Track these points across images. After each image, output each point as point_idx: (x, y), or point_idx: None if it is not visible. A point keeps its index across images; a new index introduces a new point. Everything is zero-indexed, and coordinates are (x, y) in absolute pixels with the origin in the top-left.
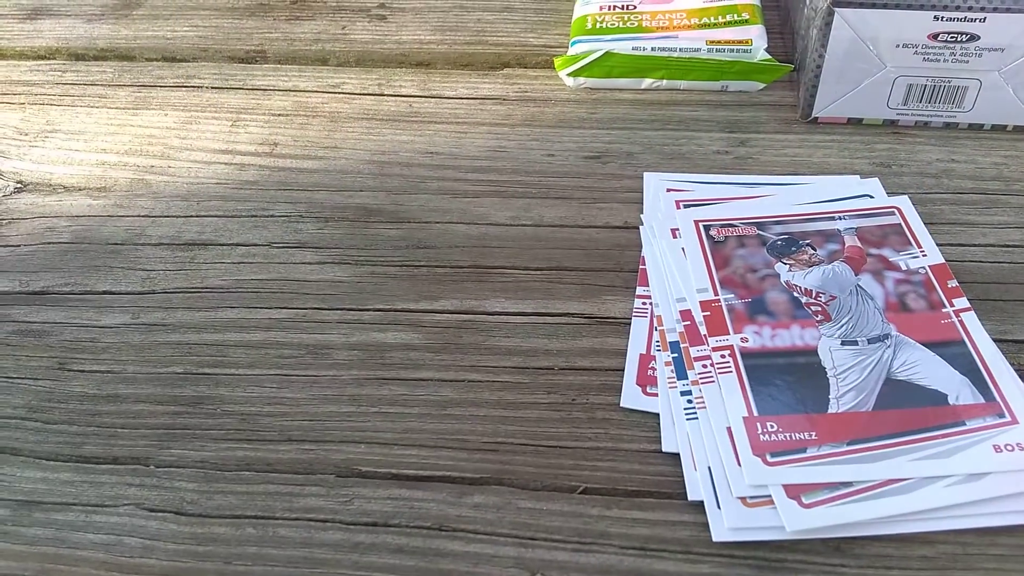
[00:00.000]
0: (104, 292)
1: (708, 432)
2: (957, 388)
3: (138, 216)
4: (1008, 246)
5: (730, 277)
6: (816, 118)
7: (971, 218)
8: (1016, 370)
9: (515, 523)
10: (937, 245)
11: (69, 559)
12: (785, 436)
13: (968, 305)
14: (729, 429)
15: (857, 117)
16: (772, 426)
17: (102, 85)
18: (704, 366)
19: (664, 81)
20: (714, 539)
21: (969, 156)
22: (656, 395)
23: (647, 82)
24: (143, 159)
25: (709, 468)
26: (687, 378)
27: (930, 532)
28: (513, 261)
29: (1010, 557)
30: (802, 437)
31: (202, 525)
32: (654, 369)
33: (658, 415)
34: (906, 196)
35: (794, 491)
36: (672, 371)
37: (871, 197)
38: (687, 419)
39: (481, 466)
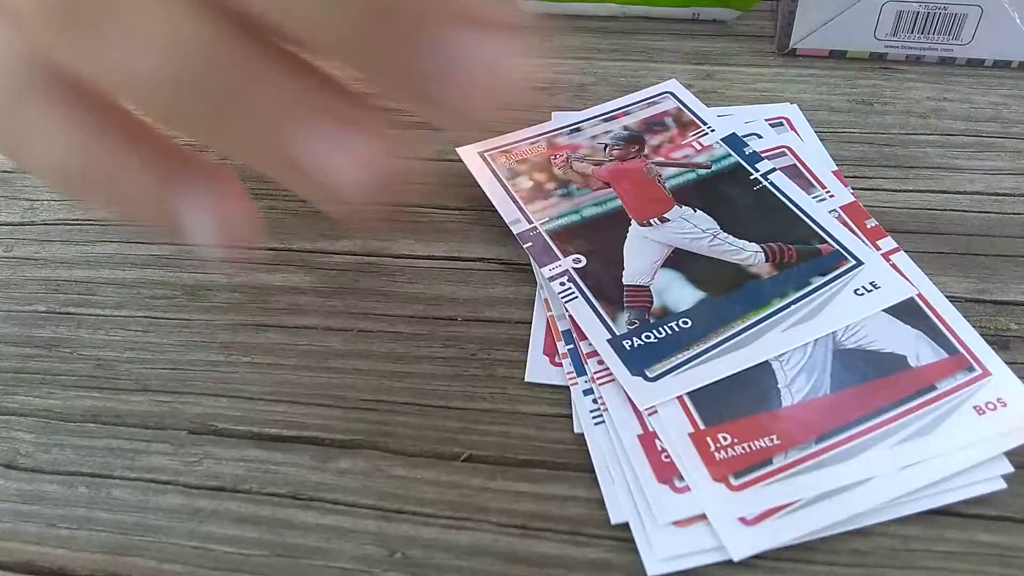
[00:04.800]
0: None
1: (620, 448)
2: (914, 346)
3: None
4: (998, 194)
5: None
6: (794, 50)
7: (959, 163)
8: (988, 336)
9: (382, 493)
10: (918, 191)
11: None
12: (743, 448)
13: (896, 246)
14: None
15: (841, 49)
16: (725, 439)
17: None
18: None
19: (628, 7)
20: (649, 574)
21: (964, 95)
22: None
23: (609, 7)
24: None
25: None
26: (586, 374)
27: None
28: (431, 200)
29: (957, 555)
30: (764, 445)
31: (31, 481)
32: None
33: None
34: (794, 134)
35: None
36: (571, 364)
37: (760, 137)
38: (594, 422)
39: (355, 427)
